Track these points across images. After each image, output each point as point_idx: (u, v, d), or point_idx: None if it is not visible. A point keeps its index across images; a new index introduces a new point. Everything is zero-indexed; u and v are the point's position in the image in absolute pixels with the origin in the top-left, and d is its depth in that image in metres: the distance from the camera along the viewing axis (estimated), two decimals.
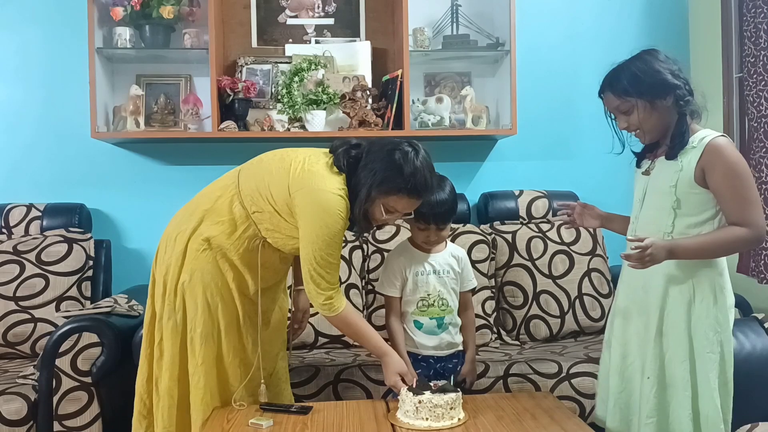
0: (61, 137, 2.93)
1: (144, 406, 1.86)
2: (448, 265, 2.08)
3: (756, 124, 2.61)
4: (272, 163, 1.85)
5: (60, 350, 2.12)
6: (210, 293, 1.80)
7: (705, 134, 1.72)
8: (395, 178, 1.76)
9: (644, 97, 1.70)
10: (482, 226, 2.92)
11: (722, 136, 1.71)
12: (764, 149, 2.57)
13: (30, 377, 2.21)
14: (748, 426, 1.68)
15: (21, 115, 2.92)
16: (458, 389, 1.76)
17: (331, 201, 1.75)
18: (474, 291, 2.25)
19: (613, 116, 1.81)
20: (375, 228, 1.91)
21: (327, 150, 1.86)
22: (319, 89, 2.81)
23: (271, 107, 2.86)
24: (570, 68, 3.16)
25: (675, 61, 1.75)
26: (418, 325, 2.04)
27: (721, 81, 3.00)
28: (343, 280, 2.68)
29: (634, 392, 1.78)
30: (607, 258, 2.88)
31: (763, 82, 2.58)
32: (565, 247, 2.82)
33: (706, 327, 1.70)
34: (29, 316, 2.53)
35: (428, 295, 2.03)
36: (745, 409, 1.73)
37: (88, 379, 2.11)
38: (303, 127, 2.81)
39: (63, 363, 2.11)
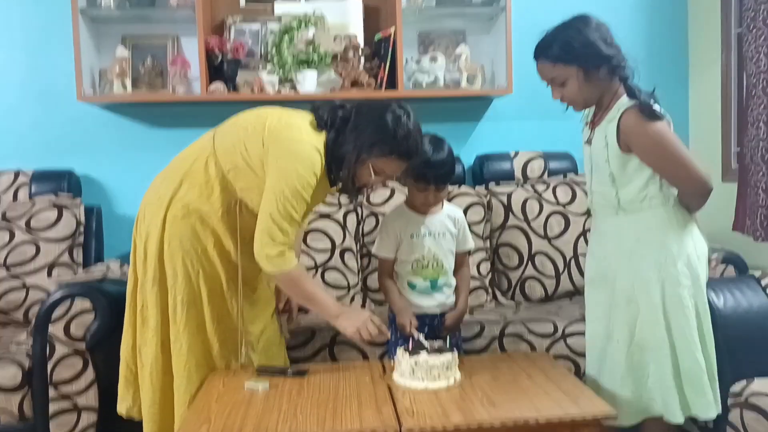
0: (46, 102, 2.86)
1: (130, 372, 1.85)
2: (444, 226, 2.06)
3: (755, 81, 2.56)
4: (248, 121, 1.81)
5: (53, 317, 2.09)
6: (190, 260, 1.77)
7: (621, 103, 1.70)
8: (387, 141, 1.73)
9: (579, 66, 1.69)
10: (477, 188, 2.89)
11: (631, 107, 1.68)
12: (762, 105, 2.53)
13: (24, 344, 2.20)
14: (744, 382, 1.68)
15: (4, 80, 2.85)
16: (454, 349, 1.75)
17: (305, 152, 1.71)
18: (470, 252, 2.23)
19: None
20: (359, 190, 1.87)
21: (306, 112, 1.82)
22: (310, 49, 2.74)
23: (261, 68, 2.79)
24: None
25: (607, 29, 1.73)
26: (412, 286, 2.03)
27: (720, 36, 2.95)
28: (337, 243, 2.66)
29: (604, 355, 1.81)
30: None
31: (762, 37, 2.52)
32: (560, 208, 2.80)
33: (676, 285, 1.72)
34: (21, 283, 2.51)
35: (423, 257, 2.02)
36: (742, 366, 1.74)
37: (82, 345, 2.09)
38: (294, 88, 2.75)
39: (56, 329, 2.09)
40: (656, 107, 1.68)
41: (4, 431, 2.07)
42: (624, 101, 1.70)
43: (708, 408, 1.71)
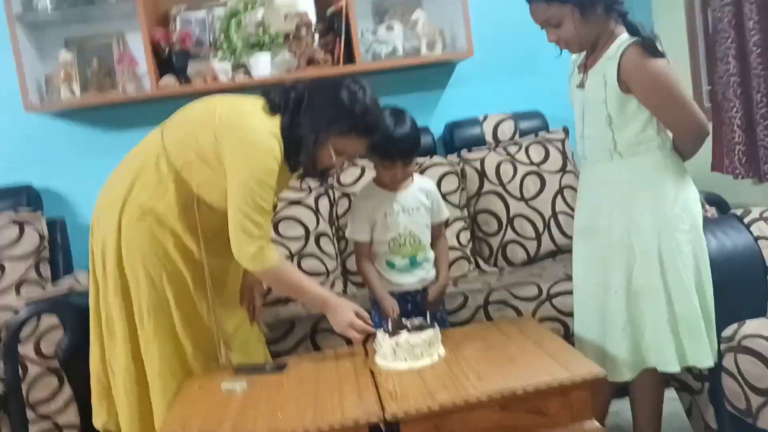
0: None
1: (102, 386, 1.78)
2: (418, 201, 1.99)
3: (719, 14, 2.48)
4: (197, 112, 1.73)
5: (22, 337, 2.02)
6: (151, 263, 1.69)
7: (621, 41, 1.64)
8: (345, 119, 1.66)
9: (575, 5, 1.62)
10: (449, 157, 2.82)
11: (634, 43, 1.62)
12: (729, 39, 2.46)
13: None
14: (735, 325, 1.64)
15: None
16: (435, 325, 1.69)
17: (262, 138, 1.63)
18: (447, 222, 2.16)
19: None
20: (323, 173, 1.79)
21: (257, 96, 1.73)
22: (260, 31, 2.64)
23: (211, 56, 2.68)
24: None
25: None
26: (391, 265, 1.97)
27: None
28: (311, 229, 2.59)
29: (604, 308, 1.75)
30: (579, 173, 2.80)
31: None
32: (534, 168, 2.74)
33: (673, 229, 1.67)
34: None
35: (399, 235, 1.95)
36: (732, 308, 1.69)
37: (55, 363, 2.01)
38: (248, 73, 2.65)
39: (27, 349, 2.01)
40: (658, 45, 1.63)
41: None
42: (623, 39, 1.64)
43: (705, 356, 1.66)
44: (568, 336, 2.08)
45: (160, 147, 1.70)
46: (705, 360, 1.67)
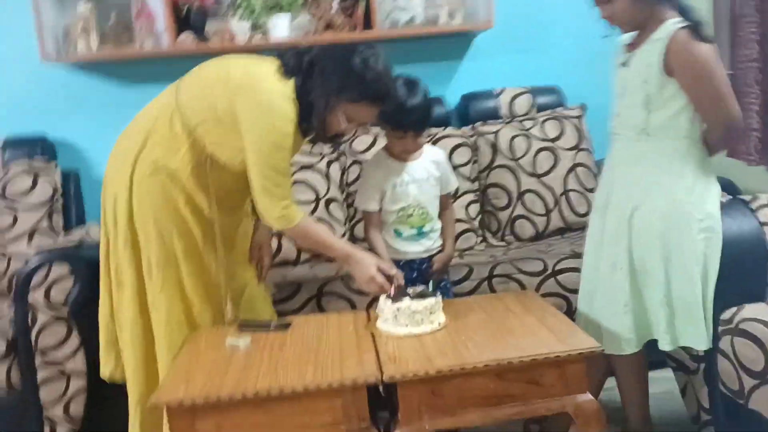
0: (9, 64, 2.75)
1: (111, 337, 1.82)
2: (427, 171, 1.99)
3: (743, 0, 2.45)
4: (212, 72, 1.73)
5: (32, 284, 2.06)
6: (162, 220, 1.71)
7: (671, 24, 1.63)
8: (356, 85, 1.66)
9: None
10: (463, 129, 2.81)
11: (685, 28, 1.62)
12: (754, 25, 2.43)
13: (5, 314, 2.17)
14: (735, 308, 1.65)
15: None
16: (437, 293, 1.71)
17: (277, 102, 1.64)
18: (456, 193, 2.16)
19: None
20: (333, 139, 1.80)
21: (272, 59, 1.73)
22: None
23: (230, 16, 2.67)
24: None
25: None
26: (399, 234, 1.98)
27: None
28: (321, 195, 2.60)
29: (609, 283, 1.78)
30: (593, 152, 2.79)
31: None
32: (549, 144, 2.72)
33: (684, 216, 1.68)
34: (1, 253, 2.46)
35: (408, 205, 1.96)
36: (732, 292, 1.69)
37: (65, 311, 2.06)
38: (265, 35, 2.64)
39: (37, 296, 2.05)
40: (705, 30, 1.63)
41: (2, 400, 2.07)
42: (673, 22, 1.64)
43: (699, 340, 1.69)
44: (570, 312, 2.10)
45: (174, 105, 1.71)
46: (699, 343, 1.69)
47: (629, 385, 1.89)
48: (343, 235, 2.61)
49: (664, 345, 1.72)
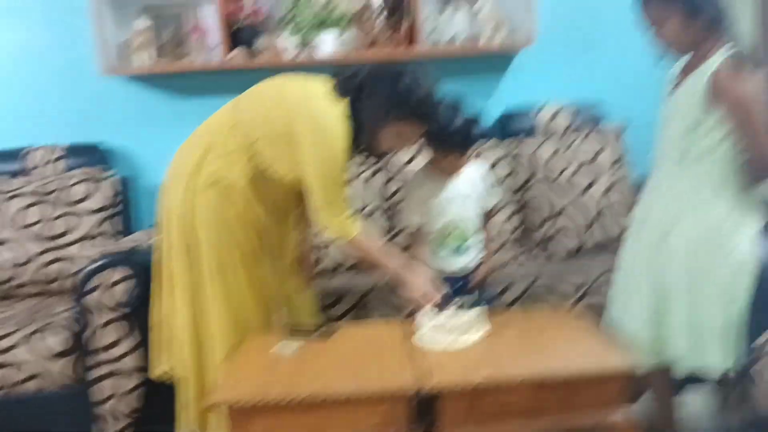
0: (70, 77, 2.89)
1: (162, 338, 1.92)
2: (469, 188, 2.05)
3: None
4: (269, 92, 1.82)
5: (93, 285, 2.17)
6: (217, 228, 1.81)
7: (718, 56, 1.68)
8: (404, 105, 1.73)
9: (682, 6, 1.67)
10: (503, 143, 2.85)
11: (731, 60, 1.66)
12: None
13: (66, 313, 2.30)
14: None
15: (27, 58, 2.88)
16: (482, 304, 1.77)
17: (332, 122, 1.72)
18: (496, 207, 2.19)
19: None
20: (381, 155, 1.88)
21: (326, 78, 1.82)
22: (328, 9, 2.71)
23: (279, 32, 2.78)
24: None
25: None
26: (439, 251, 2.04)
27: None
28: (364, 204, 2.68)
29: (633, 301, 1.84)
30: (632, 170, 2.81)
31: None
32: (587, 160, 2.75)
33: (715, 243, 1.72)
34: (60, 255, 2.60)
35: (449, 222, 2.02)
36: (764, 319, 1.71)
37: (123, 311, 2.16)
38: (312, 51, 2.73)
39: (97, 297, 2.16)
40: (755, 60, 1.68)
41: (54, 396, 2.19)
42: (720, 55, 1.68)
43: (717, 364, 1.73)
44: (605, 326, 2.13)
45: (233, 121, 1.81)
46: (714, 367, 1.73)
47: (658, 397, 1.96)
48: None
49: (682, 365, 1.77)
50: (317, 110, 1.73)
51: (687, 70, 1.77)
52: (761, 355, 1.63)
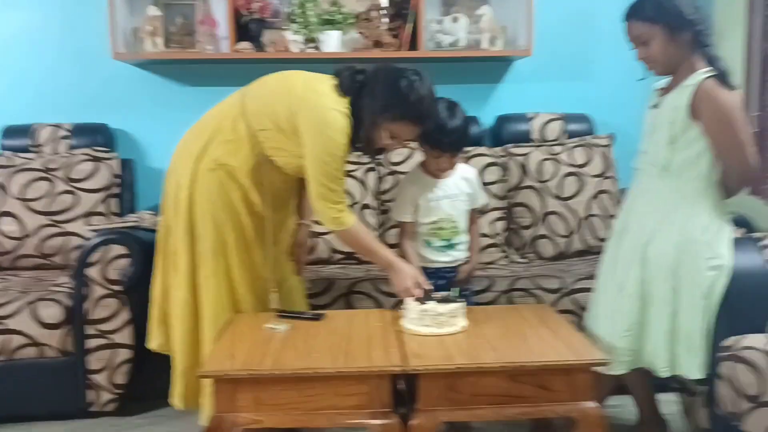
0: (82, 59, 2.98)
1: (162, 313, 2.00)
2: (458, 188, 2.14)
3: None
4: (275, 84, 1.91)
5: (91, 261, 2.25)
6: (218, 210, 1.89)
7: (700, 73, 1.77)
8: (400, 105, 1.82)
9: (665, 26, 1.76)
10: (495, 149, 2.95)
11: (712, 77, 1.75)
12: None
13: (64, 285, 2.37)
14: (736, 337, 1.76)
15: (42, 40, 2.97)
16: (462, 299, 1.86)
17: (333, 117, 1.81)
18: (484, 209, 2.29)
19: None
20: (377, 153, 1.97)
21: (330, 75, 1.90)
22: (334, 9, 2.81)
23: (286, 27, 2.87)
24: None
25: (695, 1, 1.80)
26: (429, 244, 2.13)
27: None
28: (357, 200, 2.77)
29: (616, 306, 1.90)
30: (618, 180, 2.92)
31: None
32: (576, 169, 2.86)
33: (695, 255, 1.80)
34: (61, 230, 2.68)
35: (440, 219, 2.11)
36: (737, 322, 1.81)
37: (118, 287, 2.25)
38: (317, 48, 2.83)
39: (93, 273, 2.25)
40: (731, 79, 1.76)
41: (49, 365, 2.27)
42: (701, 72, 1.77)
43: (695, 369, 1.82)
44: (582, 330, 2.23)
45: (239, 110, 1.90)
46: (694, 372, 1.83)
47: (641, 396, 2.07)
48: None
49: (663, 372, 1.85)
50: (321, 105, 1.82)
51: (670, 85, 1.87)
52: (726, 357, 1.73)
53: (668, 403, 2.18)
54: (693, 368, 1.82)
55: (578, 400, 1.63)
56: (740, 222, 2.39)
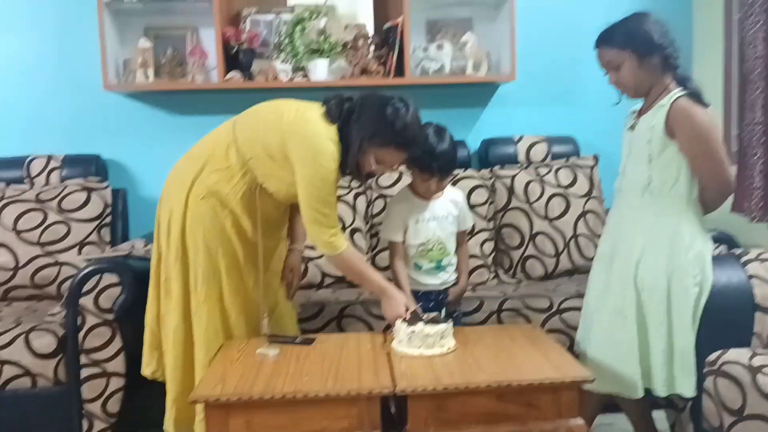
0: (74, 90, 3.03)
1: (155, 338, 2.03)
2: (446, 210, 2.18)
3: (752, 65, 2.63)
4: (266, 113, 1.96)
5: (83, 290, 2.27)
6: (210, 237, 1.93)
7: (673, 92, 1.83)
8: (386, 132, 1.87)
9: (634, 51, 1.82)
10: (482, 171, 3.00)
11: (685, 95, 1.81)
12: (759, 90, 2.60)
13: (57, 315, 2.39)
14: (720, 352, 1.80)
15: (36, 71, 3.03)
16: (449, 320, 1.89)
17: (323, 144, 1.86)
18: (472, 231, 2.32)
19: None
20: (367, 177, 2.02)
21: (320, 103, 1.95)
22: (321, 38, 2.87)
23: (274, 57, 2.93)
24: (572, 12, 3.18)
25: (663, 25, 1.87)
26: (419, 267, 2.17)
27: (722, 22, 3.01)
28: (347, 224, 2.81)
29: (615, 330, 1.92)
30: (603, 200, 2.97)
31: (759, 23, 2.58)
32: (562, 190, 2.91)
33: (683, 275, 1.84)
34: (54, 260, 2.70)
35: (428, 240, 2.14)
36: (720, 338, 1.85)
37: (110, 316, 2.26)
38: (306, 76, 2.89)
39: (87, 302, 2.26)
40: (703, 98, 1.82)
41: (42, 394, 2.26)
42: (675, 92, 1.83)
43: (689, 387, 1.85)
44: (572, 348, 2.26)
45: (231, 138, 1.95)
46: (690, 391, 1.86)
47: (636, 416, 2.10)
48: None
49: (661, 391, 1.87)
50: (310, 132, 1.87)
51: (642, 111, 1.92)
52: (710, 372, 1.76)
53: (658, 421, 2.20)
54: (689, 387, 1.85)
55: (565, 417, 1.65)
56: (723, 239, 2.45)
